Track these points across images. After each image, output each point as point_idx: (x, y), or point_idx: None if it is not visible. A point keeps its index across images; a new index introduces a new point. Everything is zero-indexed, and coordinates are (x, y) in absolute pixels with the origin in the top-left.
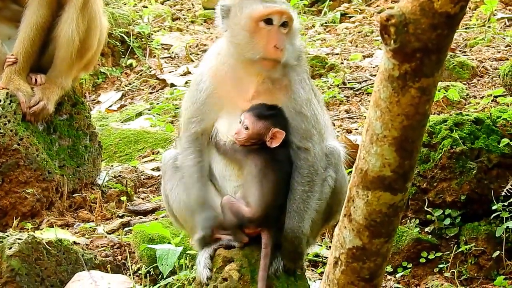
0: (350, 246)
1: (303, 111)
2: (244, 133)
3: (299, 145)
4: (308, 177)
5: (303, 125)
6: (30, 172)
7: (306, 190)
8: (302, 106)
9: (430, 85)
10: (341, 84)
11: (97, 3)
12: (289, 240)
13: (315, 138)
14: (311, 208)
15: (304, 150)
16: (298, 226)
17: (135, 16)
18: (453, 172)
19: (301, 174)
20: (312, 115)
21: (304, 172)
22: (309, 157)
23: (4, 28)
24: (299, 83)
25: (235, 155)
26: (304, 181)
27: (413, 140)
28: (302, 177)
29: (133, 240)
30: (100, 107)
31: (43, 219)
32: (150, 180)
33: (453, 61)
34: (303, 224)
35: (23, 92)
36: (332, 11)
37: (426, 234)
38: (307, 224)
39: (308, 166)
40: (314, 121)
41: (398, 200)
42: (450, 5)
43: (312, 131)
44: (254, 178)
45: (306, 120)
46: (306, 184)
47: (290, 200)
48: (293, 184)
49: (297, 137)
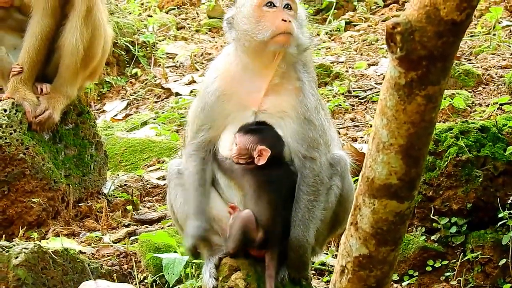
0: (356, 254)
1: (312, 119)
2: (235, 148)
3: (305, 154)
4: (313, 186)
5: (311, 133)
6: (36, 182)
7: (311, 200)
8: (312, 113)
9: (436, 92)
10: (346, 92)
11: (101, 12)
12: (294, 249)
13: (321, 148)
14: (316, 217)
15: (310, 159)
16: (303, 235)
17: (140, 25)
18: (459, 180)
19: (307, 184)
20: (320, 125)
21: (309, 182)
22: (315, 167)
23: (10, 38)
24: (310, 89)
25: (232, 174)
26: (309, 190)
27: (419, 148)
28: (308, 187)
29: (139, 249)
30: (105, 116)
31: (49, 228)
32: (155, 189)
33: (459, 69)
34: (308, 233)
35: (29, 102)
36: (337, 19)
37: (432, 242)
38: (312, 233)
39: (313, 175)
40: (322, 131)
41: (405, 208)
42: (456, 13)
43: (319, 140)
44: (250, 200)
45: (315, 129)
46: (312, 193)
47: (295, 209)
48: (298, 193)
49: (304, 146)
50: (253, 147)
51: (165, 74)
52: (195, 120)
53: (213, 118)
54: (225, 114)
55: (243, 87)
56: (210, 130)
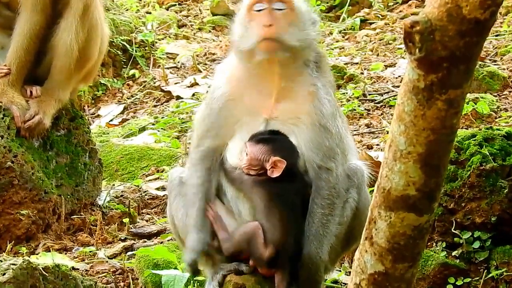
0: (371, 271)
1: (329, 126)
2: (245, 158)
3: (320, 165)
4: (329, 199)
5: (327, 142)
6: (25, 192)
7: (326, 214)
8: (328, 120)
9: (458, 97)
10: (361, 96)
11: (98, 10)
12: (307, 266)
13: (338, 158)
14: (330, 233)
15: (326, 170)
16: (316, 252)
17: (138, 23)
18: (482, 191)
19: (322, 196)
20: (337, 133)
21: (324, 194)
22: (331, 178)
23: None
24: (326, 95)
25: (241, 185)
26: (324, 203)
27: (439, 156)
28: (323, 199)
29: (136, 265)
30: (100, 121)
31: (39, 242)
32: (154, 200)
33: (483, 71)
34: (321, 250)
35: (17, 106)
36: (351, 17)
37: (454, 258)
38: (325, 250)
39: (329, 187)
40: (339, 139)
41: (424, 221)
42: (480, 11)
43: (336, 150)
44: (260, 214)
45: (331, 137)
46: (327, 207)
47: (308, 224)
48: (312, 206)
49: (320, 155)
50: (266, 158)
51: (165, 75)
52: (201, 126)
53: (220, 125)
54: (233, 121)
55: (252, 92)
56: (216, 137)
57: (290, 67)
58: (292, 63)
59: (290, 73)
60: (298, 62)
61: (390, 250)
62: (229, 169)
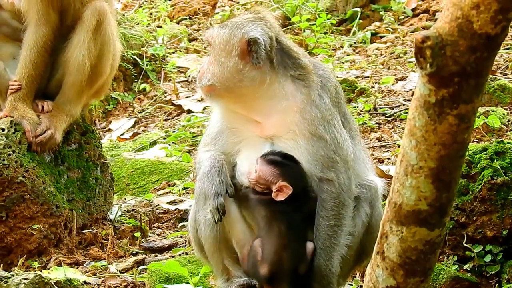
0: (383, 286)
1: (319, 132)
2: (254, 174)
3: (321, 176)
4: (333, 210)
5: (322, 151)
6: (36, 207)
7: (332, 225)
8: (317, 126)
9: (469, 112)
10: (372, 109)
11: (111, 26)
12: (318, 280)
13: (338, 166)
14: (339, 244)
15: (327, 181)
16: (325, 264)
17: (148, 37)
18: (494, 205)
19: (326, 208)
20: (332, 138)
21: (328, 206)
22: (333, 189)
23: (7, 47)
24: (311, 102)
25: (246, 201)
26: (329, 215)
27: (451, 171)
28: (327, 211)
29: (148, 279)
30: (111, 135)
31: (50, 257)
32: (166, 214)
33: (494, 84)
34: (331, 262)
35: (29, 120)
36: (362, 30)
37: (465, 272)
38: (335, 262)
39: (332, 198)
40: (335, 145)
41: (435, 236)
42: (491, 26)
43: (333, 157)
44: (261, 231)
45: (325, 145)
46: (332, 218)
47: (315, 237)
48: (318, 219)
49: (318, 166)
50: (274, 181)
51: (176, 89)
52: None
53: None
54: (236, 142)
55: (242, 118)
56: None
57: (261, 89)
58: (258, 85)
59: (261, 93)
60: (262, 83)
61: (401, 264)
62: (238, 186)
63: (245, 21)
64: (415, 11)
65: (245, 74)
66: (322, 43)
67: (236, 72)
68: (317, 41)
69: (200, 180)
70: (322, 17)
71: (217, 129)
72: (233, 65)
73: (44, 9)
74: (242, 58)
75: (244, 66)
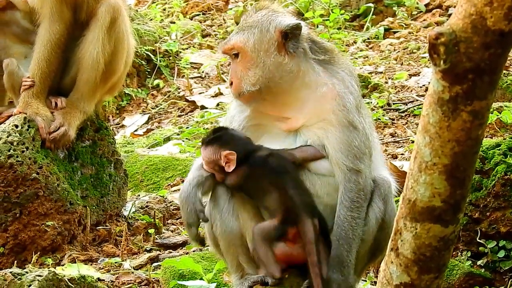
0: (397, 282)
1: (355, 121)
2: (204, 164)
3: (351, 167)
4: (357, 202)
5: (356, 141)
6: (50, 203)
7: (354, 217)
8: (354, 115)
9: (483, 108)
10: (386, 105)
11: (125, 23)
12: (338, 270)
13: (366, 159)
14: (358, 236)
15: (355, 172)
16: (347, 254)
17: (162, 33)
18: (507, 200)
19: (351, 199)
20: (363, 128)
21: (353, 197)
22: (360, 180)
23: (18, 47)
24: (345, 88)
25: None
26: (353, 206)
27: (465, 168)
28: (352, 202)
29: (162, 276)
30: (124, 131)
31: (64, 254)
32: (180, 211)
33: (507, 79)
34: (351, 253)
35: (42, 117)
36: (375, 26)
37: (479, 267)
38: (354, 253)
39: (358, 190)
40: (365, 137)
41: (449, 232)
42: (504, 22)
43: (364, 150)
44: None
45: (358, 134)
46: (355, 209)
47: (338, 227)
48: (341, 209)
49: (350, 157)
50: (217, 156)
51: (190, 85)
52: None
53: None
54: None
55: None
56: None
57: (298, 79)
58: (296, 76)
59: (298, 84)
60: (299, 72)
61: (415, 261)
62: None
63: (269, 16)
64: (428, 7)
65: (285, 67)
66: (335, 38)
67: (278, 67)
68: (331, 37)
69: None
70: (335, 12)
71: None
72: (274, 61)
73: (57, 6)
74: (280, 51)
75: (283, 59)
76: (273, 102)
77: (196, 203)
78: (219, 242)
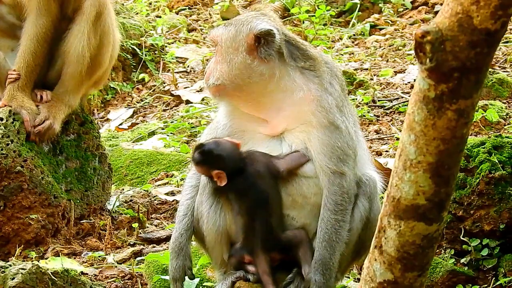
0: (380, 280)
1: (336, 121)
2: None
3: (334, 169)
4: (341, 205)
5: (338, 142)
6: (34, 197)
7: (338, 220)
8: (334, 115)
9: (469, 107)
10: (371, 102)
11: (111, 16)
12: (321, 273)
13: (350, 161)
14: (342, 239)
15: (339, 175)
16: (330, 258)
17: (147, 27)
18: (491, 198)
19: (335, 202)
20: (346, 128)
21: (337, 200)
22: (344, 183)
23: (4, 41)
24: (325, 90)
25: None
26: (337, 209)
27: (449, 166)
28: (336, 205)
29: (145, 270)
30: (109, 125)
31: (48, 247)
32: (164, 205)
33: (492, 78)
34: (334, 256)
35: (27, 110)
36: (361, 22)
37: (462, 265)
38: (337, 256)
39: (342, 193)
40: (349, 137)
41: (433, 230)
42: (491, 21)
43: (348, 151)
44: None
45: (341, 136)
46: (340, 212)
47: (321, 230)
48: (325, 212)
49: (333, 159)
50: (209, 174)
51: (175, 80)
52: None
53: None
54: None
55: (249, 118)
56: None
57: (271, 83)
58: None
59: (273, 87)
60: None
61: (399, 259)
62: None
63: (250, 17)
64: (414, 4)
65: (253, 69)
66: (321, 34)
67: (244, 68)
68: (316, 33)
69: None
70: (321, 8)
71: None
72: (241, 61)
73: (45, 0)
74: (250, 53)
75: (252, 61)
76: (246, 100)
77: (186, 260)
78: (205, 238)
